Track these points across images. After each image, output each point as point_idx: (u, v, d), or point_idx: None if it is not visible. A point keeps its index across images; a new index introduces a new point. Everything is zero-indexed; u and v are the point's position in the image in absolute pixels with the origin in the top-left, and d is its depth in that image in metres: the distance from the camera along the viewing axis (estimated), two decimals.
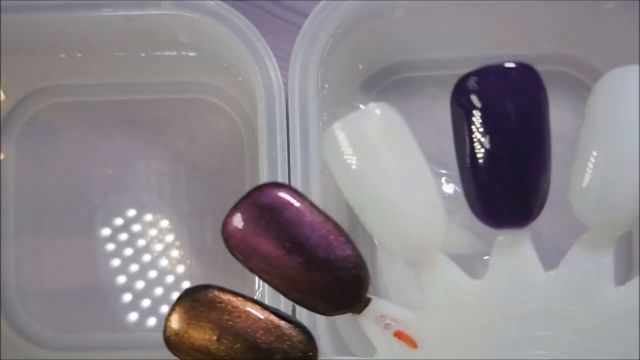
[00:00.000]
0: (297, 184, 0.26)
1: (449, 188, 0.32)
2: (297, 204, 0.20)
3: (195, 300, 0.20)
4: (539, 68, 0.20)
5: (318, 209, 0.20)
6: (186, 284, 0.33)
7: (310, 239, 0.20)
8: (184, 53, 0.31)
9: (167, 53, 0.31)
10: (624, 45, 0.29)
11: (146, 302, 0.33)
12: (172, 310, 0.20)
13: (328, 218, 0.20)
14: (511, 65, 0.20)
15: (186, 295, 0.20)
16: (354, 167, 0.20)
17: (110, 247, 0.33)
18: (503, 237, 0.21)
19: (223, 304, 0.20)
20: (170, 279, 0.33)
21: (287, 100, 0.26)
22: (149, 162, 0.34)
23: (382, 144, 0.20)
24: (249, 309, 0.20)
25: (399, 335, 0.21)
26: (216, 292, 0.20)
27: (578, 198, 0.20)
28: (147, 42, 0.30)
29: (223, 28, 0.27)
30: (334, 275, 0.20)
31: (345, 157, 0.20)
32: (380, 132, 0.20)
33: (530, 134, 0.20)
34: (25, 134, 0.34)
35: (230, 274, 0.32)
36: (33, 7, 0.27)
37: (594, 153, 0.20)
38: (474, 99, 0.20)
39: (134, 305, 0.33)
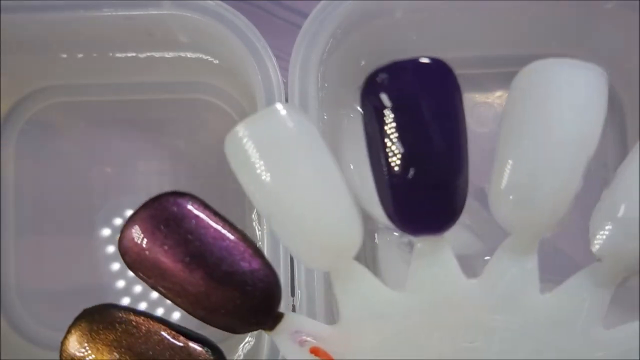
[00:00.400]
0: None
1: None
2: (198, 214, 0.19)
3: (93, 321, 0.19)
4: None
5: (223, 219, 0.19)
6: None
7: (212, 252, 0.18)
8: (183, 53, 0.31)
9: (167, 53, 0.31)
10: (624, 45, 0.29)
11: (143, 305, 0.33)
12: (67, 333, 0.19)
13: (234, 229, 0.19)
14: (424, 60, 0.19)
15: (84, 316, 0.19)
16: (258, 171, 0.19)
17: (110, 247, 0.33)
18: (421, 244, 0.20)
19: (124, 325, 0.19)
20: None
21: (287, 100, 0.26)
22: (149, 162, 0.34)
23: (288, 147, 0.19)
24: (152, 329, 0.19)
25: (315, 352, 0.20)
26: (116, 312, 0.19)
27: (497, 201, 0.20)
28: (147, 42, 0.30)
29: (223, 28, 0.27)
30: (239, 291, 0.19)
31: (249, 161, 0.19)
32: (286, 134, 0.19)
33: (445, 134, 0.19)
34: (25, 134, 0.34)
35: None
36: (33, 7, 0.27)
37: (512, 154, 0.19)
38: (384, 97, 0.19)
39: (133, 306, 0.33)
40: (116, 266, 0.33)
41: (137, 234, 0.18)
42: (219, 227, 0.19)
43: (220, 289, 0.19)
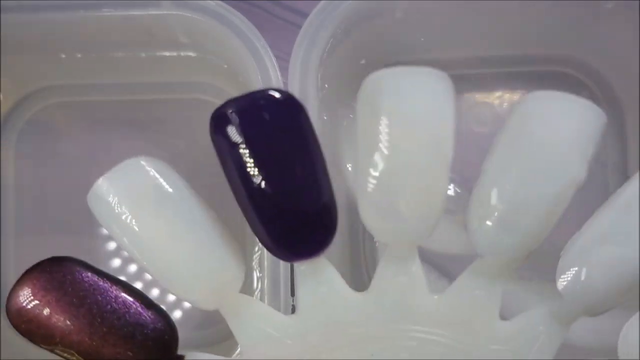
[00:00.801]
0: None
1: (449, 190, 0.32)
2: (80, 276, 0.19)
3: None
4: (539, 69, 0.20)
5: (106, 275, 0.19)
6: None
7: (99, 309, 0.19)
8: (183, 53, 0.31)
9: (167, 53, 0.31)
10: (624, 46, 0.29)
11: None
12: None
13: (118, 283, 0.19)
14: (270, 93, 0.19)
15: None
16: (125, 225, 0.19)
17: (110, 247, 0.33)
18: (303, 267, 0.20)
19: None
20: None
21: None
22: None
23: (149, 197, 0.19)
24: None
25: None
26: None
27: (475, 222, 0.19)
28: (147, 42, 0.30)
29: (223, 28, 0.27)
30: (130, 343, 0.19)
31: (114, 214, 0.19)
32: (147, 184, 0.20)
33: (299, 163, 0.19)
34: (25, 134, 0.34)
35: None
36: (33, 7, 0.27)
37: (497, 177, 0.19)
38: (232, 131, 0.19)
39: None
40: (116, 266, 0.33)
41: (23, 298, 0.19)
42: (103, 285, 0.19)
43: (110, 344, 0.19)
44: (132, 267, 0.33)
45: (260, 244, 0.20)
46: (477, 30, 0.31)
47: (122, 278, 0.32)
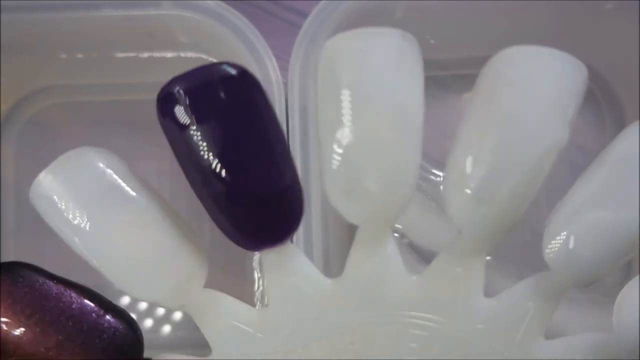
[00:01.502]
0: None
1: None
2: (35, 283, 0.18)
3: None
4: None
5: (63, 281, 0.18)
6: None
7: (56, 316, 0.18)
8: (183, 53, 0.31)
9: (167, 53, 0.31)
10: (624, 45, 0.29)
11: (142, 305, 0.33)
12: None
13: (80, 289, 0.18)
14: (222, 68, 0.18)
15: None
16: (72, 222, 0.18)
17: None
18: (270, 256, 0.19)
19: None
20: None
21: (287, 100, 0.26)
22: (149, 162, 0.34)
23: (97, 190, 0.18)
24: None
25: None
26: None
27: (452, 195, 0.18)
28: (147, 42, 0.30)
29: (223, 28, 0.27)
30: (89, 352, 0.18)
31: (60, 211, 0.18)
32: (94, 177, 0.18)
33: (256, 143, 0.18)
34: (25, 134, 0.34)
35: (230, 274, 0.32)
36: (33, 7, 0.27)
37: (475, 144, 0.18)
38: (181, 112, 0.18)
39: (131, 306, 0.33)
40: None
41: None
42: (57, 290, 0.18)
43: (68, 353, 0.18)
44: None
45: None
46: (477, 30, 0.31)
47: None
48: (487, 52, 0.20)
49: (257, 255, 0.31)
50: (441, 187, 0.19)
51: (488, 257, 0.20)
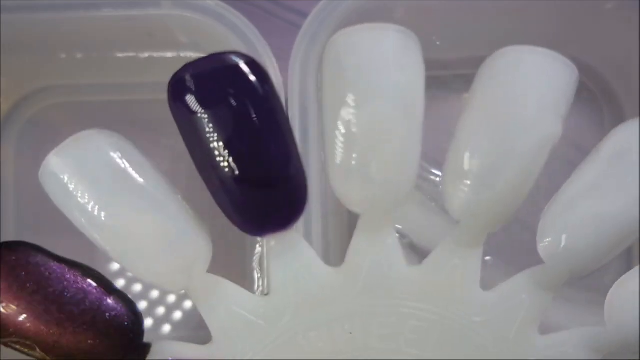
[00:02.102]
0: None
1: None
2: (34, 261, 0.18)
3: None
4: None
5: (62, 260, 0.18)
6: None
7: (56, 295, 0.18)
8: (183, 53, 0.31)
9: (167, 53, 0.31)
10: (624, 45, 0.29)
11: (143, 304, 0.33)
12: None
13: (82, 269, 0.18)
14: (231, 57, 0.18)
15: None
16: (81, 202, 0.18)
17: None
18: (273, 242, 0.19)
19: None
20: None
21: (287, 100, 0.26)
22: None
23: (106, 171, 0.18)
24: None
25: None
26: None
27: (451, 184, 0.19)
28: (146, 42, 0.30)
29: (223, 28, 0.27)
30: (91, 332, 0.18)
31: (69, 192, 0.18)
32: (103, 158, 0.19)
33: (264, 130, 0.18)
34: (25, 134, 0.34)
35: (231, 273, 0.32)
36: (33, 7, 0.27)
37: (473, 135, 0.18)
38: (191, 98, 0.18)
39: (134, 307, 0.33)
40: (115, 266, 0.33)
41: None
42: (60, 270, 0.18)
43: (69, 332, 0.18)
44: None
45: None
46: (477, 30, 0.31)
47: (122, 278, 0.33)
48: (487, 52, 0.20)
49: (257, 255, 0.31)
50: (440, 186, 0.19)
51: (488, 257, 0.20)
